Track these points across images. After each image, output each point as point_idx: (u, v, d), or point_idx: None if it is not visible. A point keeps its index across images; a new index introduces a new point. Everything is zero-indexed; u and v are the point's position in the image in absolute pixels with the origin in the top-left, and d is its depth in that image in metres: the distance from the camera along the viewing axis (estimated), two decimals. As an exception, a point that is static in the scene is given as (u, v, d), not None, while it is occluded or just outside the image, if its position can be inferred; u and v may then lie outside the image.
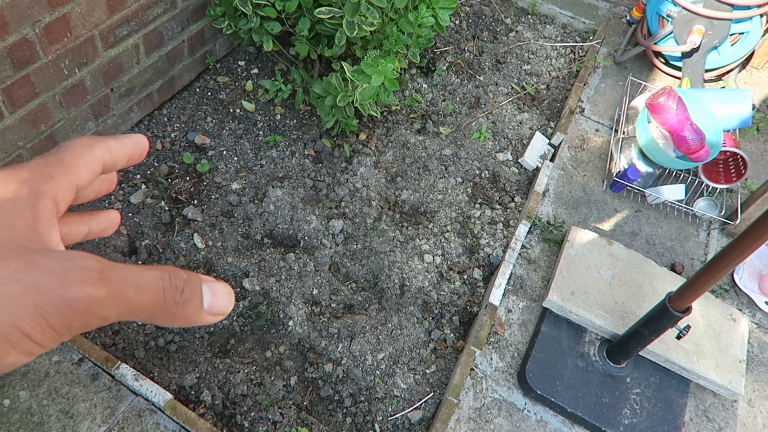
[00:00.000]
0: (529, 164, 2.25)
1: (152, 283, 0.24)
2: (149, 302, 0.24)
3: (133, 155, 0.32)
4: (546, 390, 1.67)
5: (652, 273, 1.92)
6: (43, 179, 0.27)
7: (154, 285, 0.25)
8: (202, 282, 0.26)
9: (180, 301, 0.25)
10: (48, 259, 0.23)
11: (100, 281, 0.23)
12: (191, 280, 0.26)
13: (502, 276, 1.86)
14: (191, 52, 2.15)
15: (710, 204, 2.20)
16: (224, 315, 0.27)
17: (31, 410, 1.46)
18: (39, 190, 0.26)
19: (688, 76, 2.50)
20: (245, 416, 1.55)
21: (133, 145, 0.32)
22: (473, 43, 2.70)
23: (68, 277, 0.22)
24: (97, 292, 0.23)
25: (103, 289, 0.23)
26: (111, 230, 0.34)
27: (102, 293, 0.23)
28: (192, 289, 0.26)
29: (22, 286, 0.22)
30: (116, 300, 0.23)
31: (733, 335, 1.83)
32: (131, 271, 0.24)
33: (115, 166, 0.31)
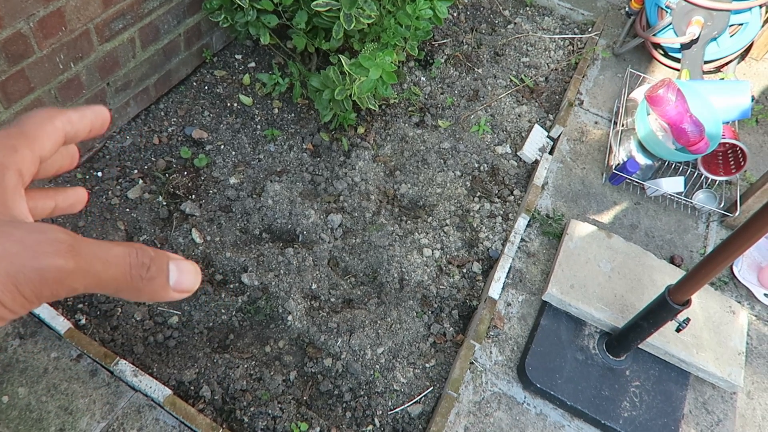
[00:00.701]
0: (528, 157, 2.24)
1: (120, 258, 0.25)
2: (116, 276, 0.25)
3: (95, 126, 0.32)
4: (545, 383, 1.67)
5: (652, 266, 1.92)
6: (7, 152, 0.27)
7: (121, 260, 0.25)
8: (170, 260, 0.27)
9: (146, 277, 0.26)
10: (19, 231, 0.23)
11: (69, 254, 0.24)
12: (158, 257, 0.26)
13: (501, 269, 1.86)
14: (188, 46, 2.13)
15: (709, 196, 2.20)
16: (189, 292, 0.28)
17: (30, 407, 1.45)
18: (3, 162, 0.27)
19: (687, 67, 2.49)
20: (245, 411, 1.55)
21: (94, 116, 0.32)
22: (471, 35, 2.68)
23: (39, 249, 0.23)
24: (67, 263, 0.23)
25: (72, 261, 0.24)
26: (79, 206, 0.34)
27: (71, 265, 0.23)
28: (158, 266, 0.26)
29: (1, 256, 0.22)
30: (84, 272, 0.24)
31: (733, 327, 1.83)
32: (100, 246, 0.25)
33: (77, 138, 0.32)
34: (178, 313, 1.69)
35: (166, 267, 0.26)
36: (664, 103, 1.97)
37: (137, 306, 1.68)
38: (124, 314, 1.66)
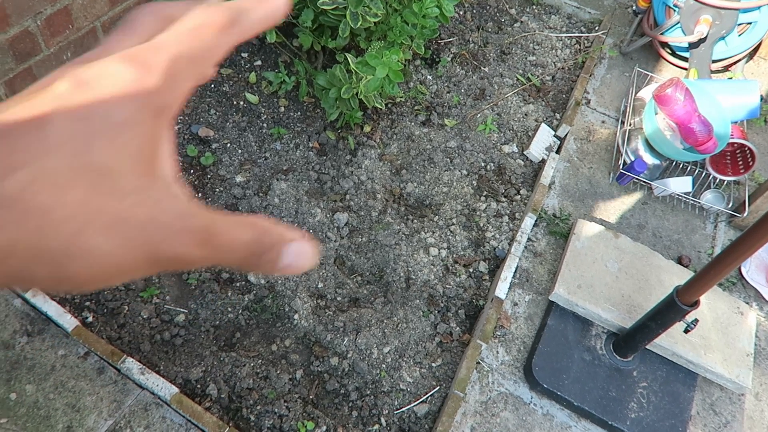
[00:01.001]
0: (535, 156, 2.24)
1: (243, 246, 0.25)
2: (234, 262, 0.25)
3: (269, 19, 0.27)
4: (552, 383, 1.66)
5: (659, 266, 1.91)
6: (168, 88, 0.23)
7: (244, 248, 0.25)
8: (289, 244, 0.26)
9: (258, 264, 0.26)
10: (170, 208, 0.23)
11: (203, 245, 0.24)
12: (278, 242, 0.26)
13: (508, 269, 1.85)
14: (194, 44, 2.13)
15: (717, 196, 2.19)
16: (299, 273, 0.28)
17: (38, 404, 1.46)
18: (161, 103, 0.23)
19: (695, 66, 2.47)
20: (251, 410, 1.55)
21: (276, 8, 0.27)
22: (478, 34, 2.68)
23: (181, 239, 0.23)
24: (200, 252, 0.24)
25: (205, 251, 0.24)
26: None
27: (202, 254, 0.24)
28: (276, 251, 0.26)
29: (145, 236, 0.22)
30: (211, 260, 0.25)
31: (741, 329, 1.82)
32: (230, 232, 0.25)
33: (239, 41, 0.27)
34: (185, 312, 1.69)
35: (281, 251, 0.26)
36: (673, 102, 1.96)
37: (144, 304, 1.68)
38: (131, 312, 1.66)
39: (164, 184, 0.24)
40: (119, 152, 0.22)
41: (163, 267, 0.24)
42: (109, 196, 0.22)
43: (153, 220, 0.23)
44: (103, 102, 0.22)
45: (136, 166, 0.23)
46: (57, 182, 0.21)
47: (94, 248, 0.21)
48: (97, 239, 0.21)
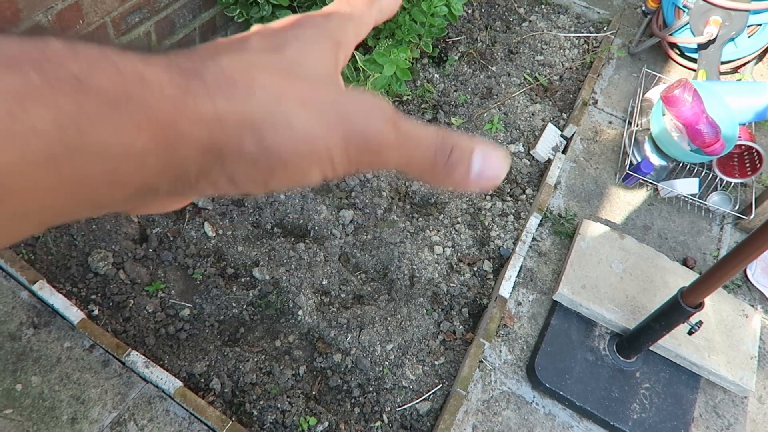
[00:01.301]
0: (541, 156, 2.23)
1: (429, 140, 0.26)
2: (422, 159, 0.26)
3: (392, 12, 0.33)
4: (555, 383, 1.67)
5: (664, 267, 1.90)
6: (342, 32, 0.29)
7: (430, 142, 0.26)
8: (474, 149, 0.26)
9: (447, 164, 0.26)
10: (356, 95, 0.25)
11: (393, 126, 0.25)
12: (463, 145, 0.26)
13: (512, 268, 1.85)
14: (203, 40, 2.14)
15: (724, 198, 2.18)
16: (494, 182, 0.27)
17: (43, 395, 1.47)
18: (341, 40, 0.28)
19: (703, 68, 2.46)
20: (254, 404, 1.56)
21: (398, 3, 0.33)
22: (486, 32, 2.67)
23: (373, 115, 0.24)
24: (390, 134, 0.25)
25: (393, 133, 0.25)
26: None
27: (392, 137, 0.25)
28: (460, 154, 0.26)
29: (337, 116, 0.24)
30: (399, 150, 0.25)
31: (745, 331, 1.81)
32: (415, 126, 0.26)
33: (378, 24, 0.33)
34: (190, 306, 1.70)
35: (469, 156, 0.26)
36: (680, 103, 1.95)
37: (149, 298, 1.70)
38: (136, 306, 1.67)
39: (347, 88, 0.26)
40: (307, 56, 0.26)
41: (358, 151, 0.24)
42: (299, 80, 0.24)
43: (344, 98, 0.24)
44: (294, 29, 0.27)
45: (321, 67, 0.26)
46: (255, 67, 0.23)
47: (291, 117, 0.23)
48: (294, 109, 0.23)
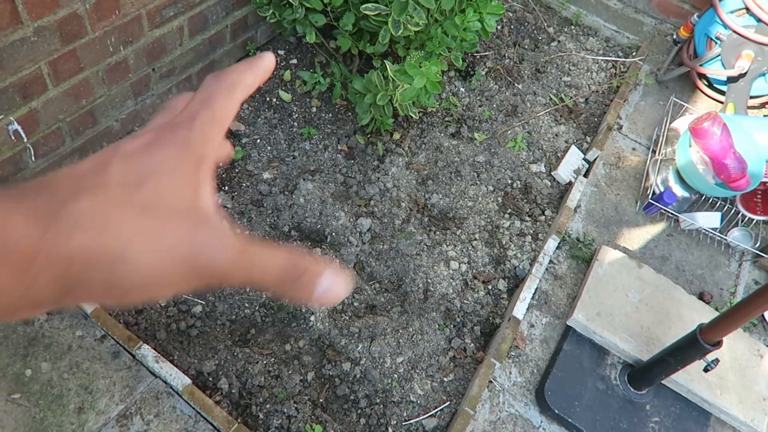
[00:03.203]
0: (563, 178, 2.22)
1: (275, 268, 0.28)
2: (269, 283, 0.29)
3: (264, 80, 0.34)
4: (564, 409, 1.65)
5: (680, 300, 1.88)
6: (205, 143, 0.29)
7: (276, 270, 0.28)
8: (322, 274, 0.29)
9: (293, 288, 0.29)
10: (207, 229, 0.27)
11: (238, 257, 0.28)
12: (309, 271, 0.29)
13: (527, 290, 1.84)
14: (233, 38, 2.15)
15: (745, 235, 2.15)
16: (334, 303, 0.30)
17: (52, 382, 1.47)
18: (201, 155, 0.29)
19: (732, 101, 2.44)
20: (260, 408, 1.55)
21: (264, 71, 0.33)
22: (514, 49, 2.66)
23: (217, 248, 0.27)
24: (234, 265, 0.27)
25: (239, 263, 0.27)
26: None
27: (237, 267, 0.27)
28: (308, 279, 0.29)
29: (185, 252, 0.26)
30: (246, 275, 0.28)
31: (759, 372, 1.79)
32: (264, 253, 0.28)
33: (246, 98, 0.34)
34: (203, 303, 1.70)
35: (314, 281, 0.29)
36: (709, 136, 1.93)
37: (162, 292, 1.69)
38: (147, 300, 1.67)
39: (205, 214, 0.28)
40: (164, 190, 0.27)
41: (202, 280, 0.27)
42: (154, 219, 0.26)
43: (192, 235, 0.27)
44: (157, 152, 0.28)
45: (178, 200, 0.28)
46: (112, 207, 0.25)
47: (141, 254, 0.25)
48: (144, 247, 0.25)
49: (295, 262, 0.29)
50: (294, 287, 0.28)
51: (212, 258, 0.27)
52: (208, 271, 0.27)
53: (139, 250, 0.25)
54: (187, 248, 0.26)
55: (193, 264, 0.27)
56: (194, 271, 0.27)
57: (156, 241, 0.26)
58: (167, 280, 0.26)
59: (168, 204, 0.27)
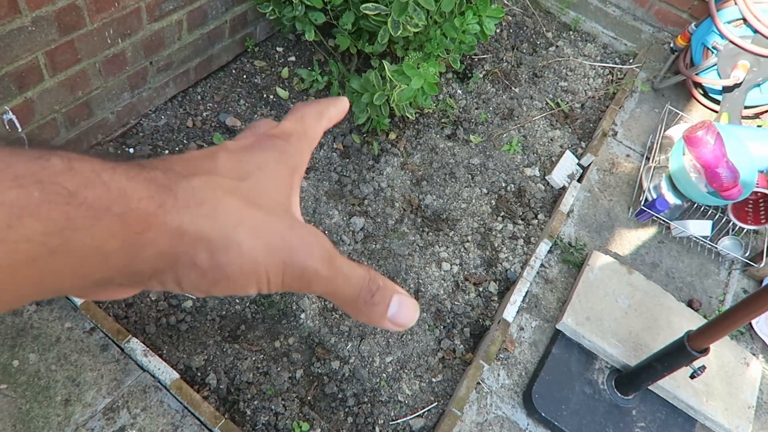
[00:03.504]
0: (556, 182, 2.23)
1: (357, 280, 0.29)
2: (347, 294, 0.29)
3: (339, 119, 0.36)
4: (550, 413, 1.66)
5: (670, 307, 1.90)
6: (299, 155, 0.32)
7: (357, 282, 0.29)
8: (395, 293, 0.30)
9: (369, 302, 0.29)
10: (302, 230, 0.28)
11: (327, 263, 0.28)
12: (385, 288, 0.30)
13: (518, 293, 1.84)
14: (232, 34, 2.14)
15: (735, 243, 2.17)
16: (404, 327, 0.30)
17: (39, 374, 1.47)
18: (295, 164, 0.31)
19: (726, 110, 2.46)
20: (248, 404, 1.55)
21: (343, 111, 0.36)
22: (512, 53, 2.67)
23: (311, 251, 0.28)
24: (323, 270, 0.28)
25: (327, 270, 0.28)
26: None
27: (325, 273, 0.28)
28: (383, 295, 0.29)
29: (282, 247, 0.27)
30: (329, 283, 0.28)
31: (745, 379, 1.80)
32: (347, 264, 0.29)
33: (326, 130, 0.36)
34: (193, 298, 1.70)
35: (389, 299, 0.29)
36: (702, 145, 1.95)
37: (153, 285, 1.69)
38: (140, 293, 1.66)
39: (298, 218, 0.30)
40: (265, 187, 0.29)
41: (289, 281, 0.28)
42: (257, 209, 0.27)
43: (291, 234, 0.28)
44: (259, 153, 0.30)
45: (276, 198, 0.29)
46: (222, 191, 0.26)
47: (243, 242, 0.26)
48: (248, 235, 0.26)
49: (373, 277, 0.29)
50: (368, 303, 0.29)
51: (305, 260, 0.27)
52: (298, 273, 0.27)
53: (243, 237, 0.26)
54: (285, 244, 0.27)
55: (287, 262, 0.27)
56: (286, 269, 0.27)
57: (259, 231, 0.26)
58: (260, 273, 0.27)
59: (269, 200, 0.28)
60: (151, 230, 0.24)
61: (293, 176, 0.31)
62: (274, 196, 0.29)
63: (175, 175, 0.26)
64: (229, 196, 0.26)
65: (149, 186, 0.24)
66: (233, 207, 0.26)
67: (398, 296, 0.29)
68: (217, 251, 0.25)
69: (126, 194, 0.23)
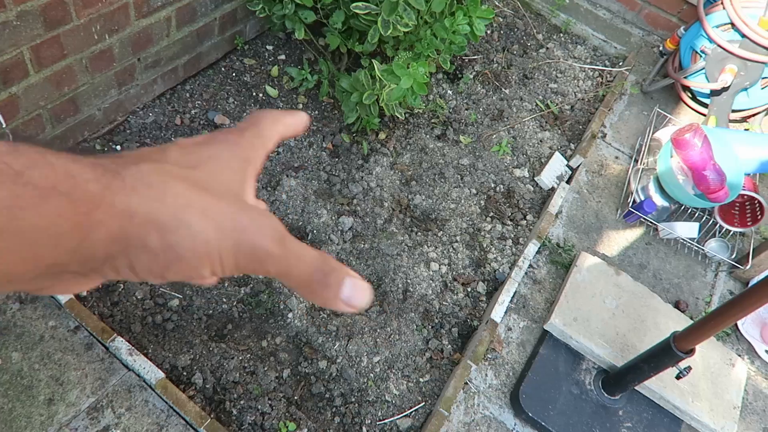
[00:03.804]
0: (545, 184, 2.24)
1: (310, 259, 0.29)
2: (301, 274, 0.29)
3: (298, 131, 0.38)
4: (537, 413, 1.66)
5: (657, 308, 1.91)
6: (252, 149, 0.33)
7: (310, 262, 0.29)
8: (347, 275, 0.30)
9: (322, 283, 0.29)
10: (253, 211, 0.29)
11: (279, 242, 0.29)
12: (339, 270, 0.30)
13: (506, 293, 1.85)
14: (221, 31, 2.13)
15: (722, 245, 2.19)
16: (356, 309, 0.31)
17: (22, 373, 1.45)
18: (250, 157, 0.33)
19: (714, 114, 2.48)
20: (234, 403, 1.54)
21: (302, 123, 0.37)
22: (503, 54, 2.68)
23: (263, 231, 0.28)
24: (275, 249, 0.28)
25: (279, 249, 0.29)
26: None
27: (277, 252, 0.28)
28: (336, 277, 0.30)
29: (233, 228, 0.28)
30: (282, 263, 0.29)
31: (731, 380, 1.81)
32: (299, 245, 0.30)
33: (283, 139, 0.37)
34: (180, 297, 1.68)
35: (342, 280, 0.30)
36: (689, 147, 1.96)
37: (139, 284, 1.68)
38: (125, 291, 1.65)
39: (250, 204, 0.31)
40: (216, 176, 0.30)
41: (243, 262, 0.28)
42: (207, 194, 0.28)
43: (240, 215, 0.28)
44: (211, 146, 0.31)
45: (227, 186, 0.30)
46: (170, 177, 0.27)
47: (193, 223, 0.26)
48: (198, 217, 0.27)
49: (326, 259, 0.30)
50: (322, 283, 0.29)
51: (256, 240, 0.28)
52: (251, 253, 0.28)
53: (193, 219, 0.26)
54: (236, 225, 0.28)
55: (239, 242, 0.27)
56: (238, 250, 0.28)
57: (209, 213, 0.27)
58: (211, 254, 0.27)
59: (219, 186, 0.29)
60: (99, 210, 0.24)
61: (246, 168, 0.32)
62: (225, 183, 0.30)
63: (123, 161, 0.26)
64: (178, 180, 0.27)
65: (95, 169, 0.25)
66: (182, 190, 0.27)
67: (351, 278, 0.30)
68: (167, 232, 0.26)
69: (72, 175, 0.23)
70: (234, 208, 0.28)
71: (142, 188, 0.26)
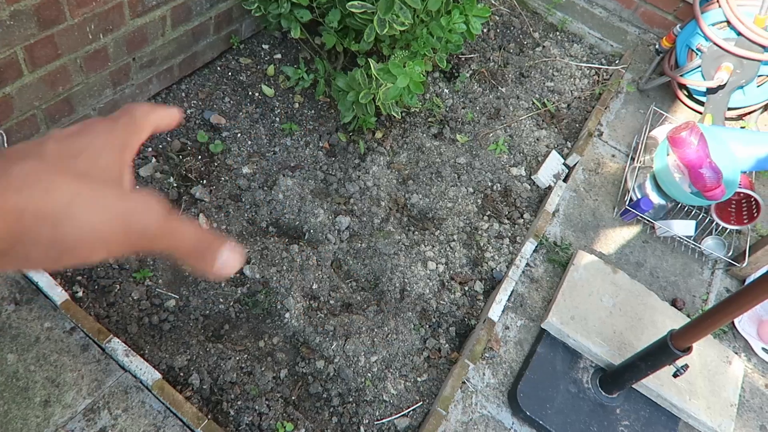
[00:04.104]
0: (542, 182, 2.24)
1: (192, 235, 0.32)
2: (186, 248, 0.32)
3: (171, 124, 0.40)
4: (535, 412, 1.66)
5: (654, 306, 1.91)
6: (127, 136, 0.35)
7: (192, 236, 0.32)
8: (223, 247, 0.33)
9: (203, 254, 0.33)
10: (137, 195, 0.31)
11: (165, 221, 0.31)
12: (215, 243, 0.33)
13: (503, 292, 1.85)
14: (217, 30, 2.12)
15: (718, 243, 2.19)
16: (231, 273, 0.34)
17: (18, 374, 1.44)
18: (123, 143, 0.34)
19: (710, 112, 2.48)
20: (232, 404, 1.54)
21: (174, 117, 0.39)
22: (499, 53, 2.68)
23: (148, 211, 0.31)
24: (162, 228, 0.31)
25: (165, 227, 0.31)
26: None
27: (163, 230, 0.31)
28: (213, 250, 0.33)
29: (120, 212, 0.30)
30: (169, 239, 0.32)
31: (727, 378, 1.82)
32: (183, 221, 0.33)
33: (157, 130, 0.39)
34: (176, 297, 1.68)
35: (217, 252, 0.33)
36: (686, 145, 1.96)
37: (135, 285, 1.67)
38: (121, 292, 1.64)
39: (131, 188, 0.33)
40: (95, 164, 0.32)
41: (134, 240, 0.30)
42: (90, 183, 0.30)
43: (125, 199, 0.31)
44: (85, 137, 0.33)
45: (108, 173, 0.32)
46: (53, 172, 0.29)
47: (82, 212, 0.28)
48: (84, 206, 0.29)
49: (204, 233, 0.33)
50: (201, 257, 0.32)
51: (142, 219, 0.30)
52: (139, 230, 0.30)
53: (80, 208, 0.28)
54: (121, 209, 0.30)
55: (126, 223, 0.30)
56: (127, 231, 0.30)
57: (94, 201, 0.29)
58: (103, 239, 0.29)
59: (101, 173, 0.31)
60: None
61: (123, 154, 0.34)
62: (105, 170, 0.32)
63: (5, 161, 0.28)
64: (61, 174, 0.29)
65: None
66: (67, 182, 0.29)
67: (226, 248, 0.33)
68: (57, 225, 0.28)
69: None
70: (118, 194, 0.30)
71: (28, 186, 0.27)
